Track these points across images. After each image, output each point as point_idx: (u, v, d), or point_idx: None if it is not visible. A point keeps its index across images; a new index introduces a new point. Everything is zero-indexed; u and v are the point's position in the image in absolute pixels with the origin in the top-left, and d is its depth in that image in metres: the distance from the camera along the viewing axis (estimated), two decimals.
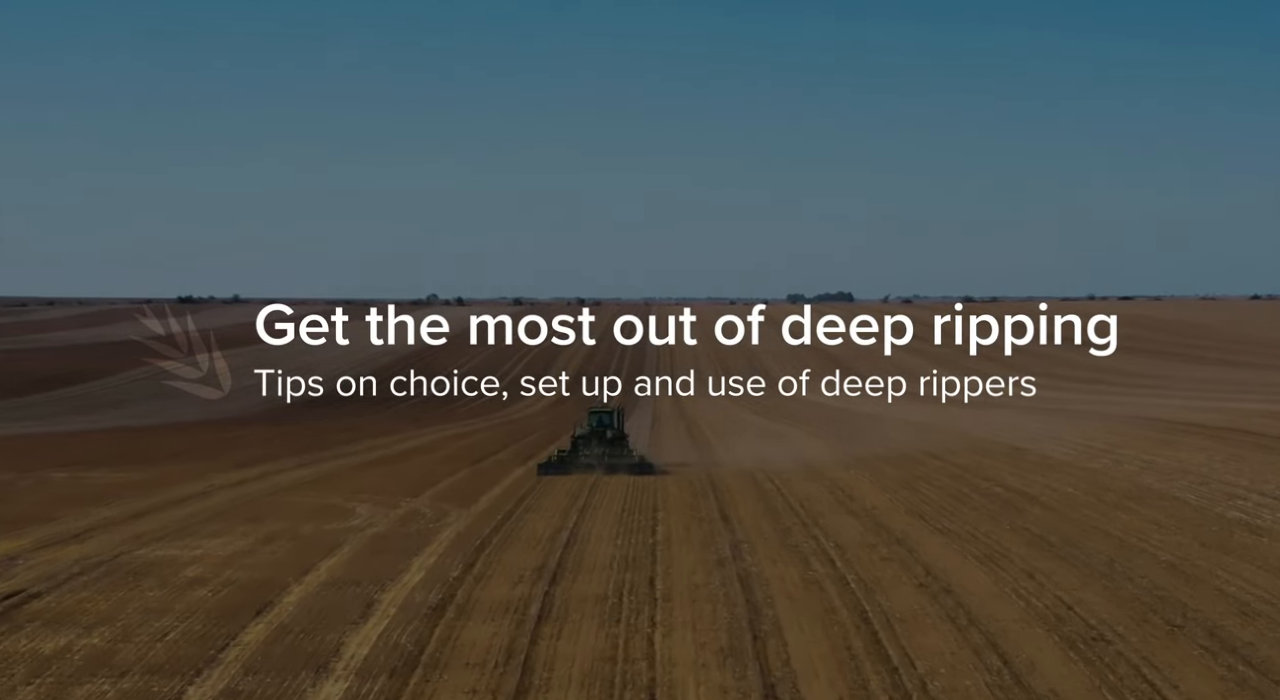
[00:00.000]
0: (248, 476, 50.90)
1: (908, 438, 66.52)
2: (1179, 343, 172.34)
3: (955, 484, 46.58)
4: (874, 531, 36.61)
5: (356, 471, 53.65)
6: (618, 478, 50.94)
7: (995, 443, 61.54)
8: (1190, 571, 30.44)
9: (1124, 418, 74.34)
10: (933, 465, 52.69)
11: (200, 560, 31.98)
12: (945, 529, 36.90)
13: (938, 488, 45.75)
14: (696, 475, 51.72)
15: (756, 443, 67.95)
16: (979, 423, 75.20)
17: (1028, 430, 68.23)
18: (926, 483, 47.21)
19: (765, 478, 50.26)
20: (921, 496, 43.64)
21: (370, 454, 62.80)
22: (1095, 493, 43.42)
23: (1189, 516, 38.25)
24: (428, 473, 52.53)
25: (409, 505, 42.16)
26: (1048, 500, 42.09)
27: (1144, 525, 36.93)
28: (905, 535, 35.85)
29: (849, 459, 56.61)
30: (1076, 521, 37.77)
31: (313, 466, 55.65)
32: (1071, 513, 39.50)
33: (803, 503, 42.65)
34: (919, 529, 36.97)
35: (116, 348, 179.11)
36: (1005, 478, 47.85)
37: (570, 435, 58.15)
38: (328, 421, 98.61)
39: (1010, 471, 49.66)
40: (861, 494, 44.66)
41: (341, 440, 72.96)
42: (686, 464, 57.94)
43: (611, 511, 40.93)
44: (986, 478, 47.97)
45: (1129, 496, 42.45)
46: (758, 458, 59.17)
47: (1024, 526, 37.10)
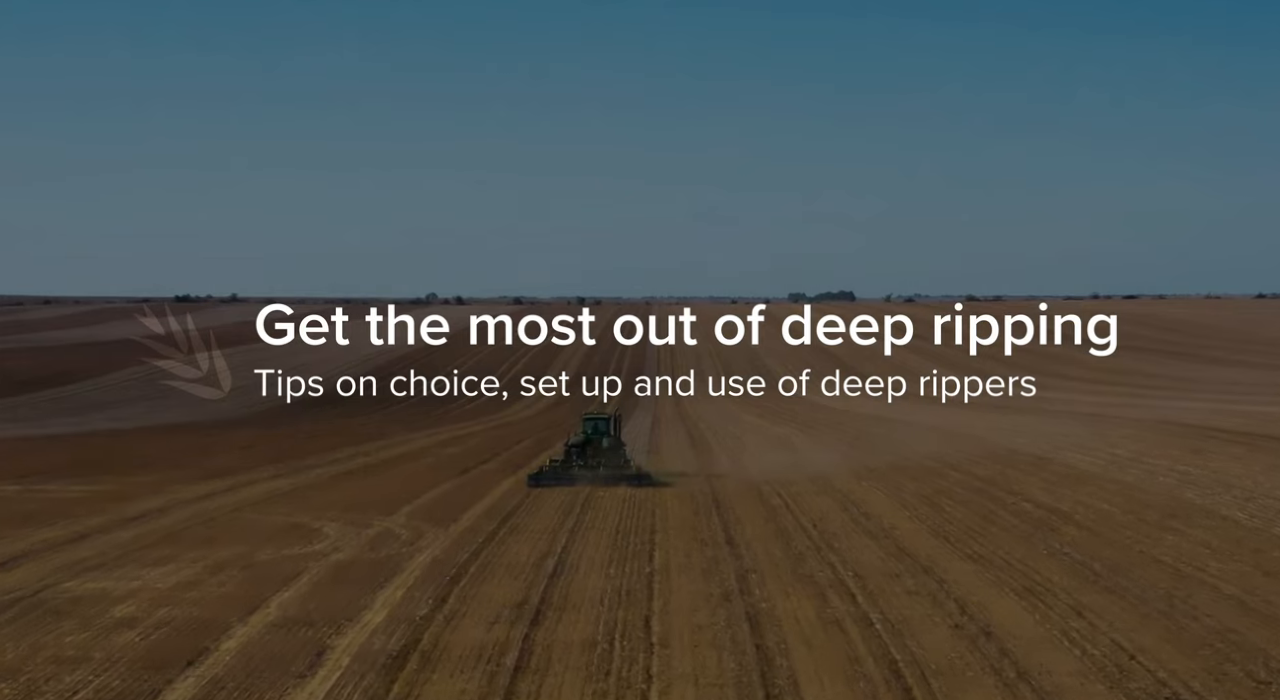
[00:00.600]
0: (215, 489, 46.88)
1: (920, 444, 62.52)
2: (1188, 343, 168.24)
3: (980, 499, 42.55)
4: (896, 557, 32.60)
5: (334, 483, 49.63)
6: (613, 489, 46.97)
7: (1015, 451, 57.53)
8: (1262, 609, 26.44)
9: (1145, 422, 70.36)
10: (953, 477, 48.65)
11: (135, 595, 27.95)
12: (975, 554, 32.88)
13: (961, 504, 41.71)
14: (698, 488, 47.71)
15: (761, 450, 63.97)
16: (994, 428, 71.15)
17: (1047, 436, 64.23)
18: (948, 498, 43.18)
19: (772, 491, 46.26)
20: (944, 515, 39.62)
21: (353, 462, 58.79)
22: (1134, 510, 39.42)
23: (1243, 539, 34.27)
24: (410, 484, 48.50)
25: (383, 524, 38.13)
26: (1083, 519, 38.07)
27: (1195, 549, 32.93)
28: (932, 562, 31.84)
29: (860, 469, 52.60)
30: (1119, 545, 33.78)
31: (288, 477, 51.64)
32: (1112, 534, 35.50)
33: (815, 521, 38.63)
34: (946, 554, 32.95)
35: (108, 347, 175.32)
36: (1033, 492, 43.83)
37: (564, 443, 54.28)
38: (318, 424, 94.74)
39: (1037, 485, 45.64)
40: (878, 511, 40.63)
41: (326, 446, 68.94)
42: (687, 474, 53.94)
43: (604, 533, 36.92)
44: (1013, 492, 43.94)
45: (1172, 514, 38.45)
46: (763, 467, 55.18)
47: (1062, 551, 33.10)
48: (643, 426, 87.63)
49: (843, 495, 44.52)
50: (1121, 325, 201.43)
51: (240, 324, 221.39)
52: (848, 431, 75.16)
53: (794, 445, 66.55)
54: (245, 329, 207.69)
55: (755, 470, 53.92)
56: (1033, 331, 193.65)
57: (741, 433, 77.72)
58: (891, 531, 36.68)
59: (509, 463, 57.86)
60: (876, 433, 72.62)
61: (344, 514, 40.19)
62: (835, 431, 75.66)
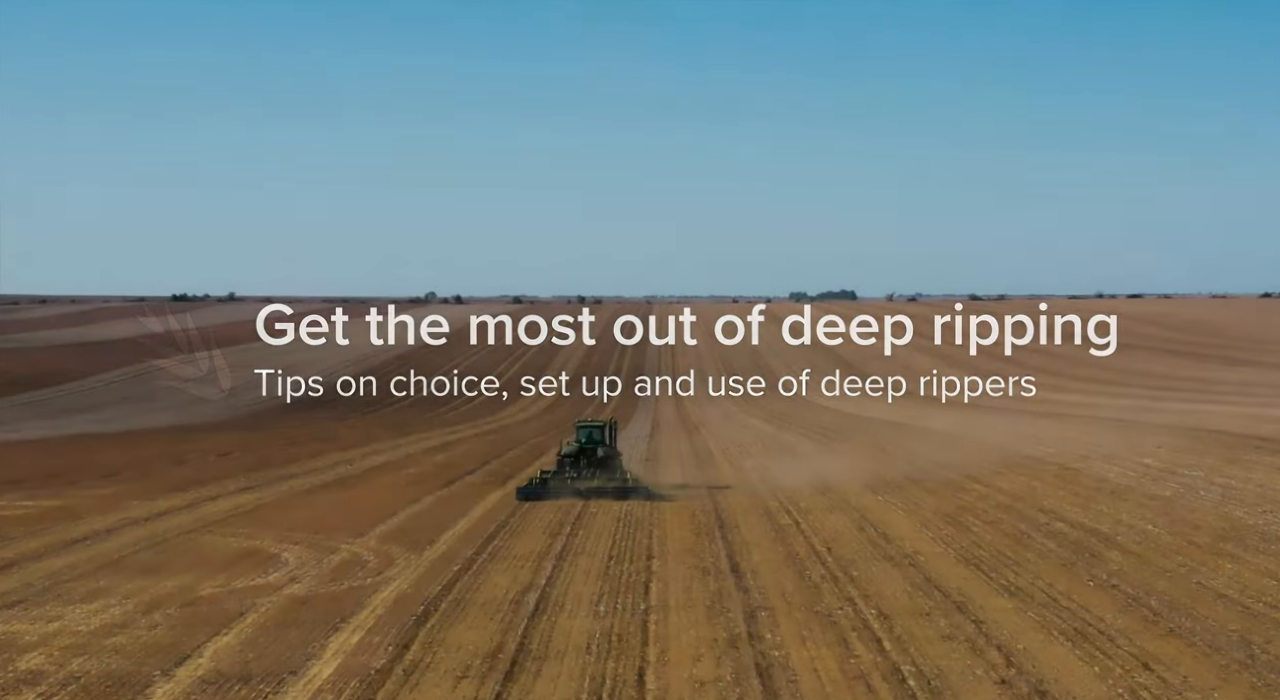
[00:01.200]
0: (175, 505, 42.91)
1: (934, 451, 58.64)
2: (1198, 342, 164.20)
3: (1008, 518, 38.58)
4: (924, 590, 28.66)
5: (307, 497, 45.68)
6: (608, 505, 43.09)
7: (1038, 460, 53.59)
8: None
9: (1172, 428, 66.50)
10: (975, 491, 44.68)
11: (49, 641, 24.02)
12: (1012, 586, 28.94)
13: (989, 524, 37.75)
14: (699, 503, 43.77)
15: (765, 457, 60.08)
16: (1011, 433, 67.23)
17: (1069, 443, 60.35)
18: (973, 516, 39.23)
19: (780, 507, 42.33)
20: (971, 536, 35.67)
21: (331, 472, 54.86)
22: (1181, 531, 35.48)
23: None
24: (388, 499, 44.56)
25: (350, 549, 34.22)
26: (1126, 542, 34.12)
27: (1261, 581, 28.99)
28: (965, 596, 27.90)
29: (873, 480, 48.66)
30: (1173, 575, 29.84)
31: (258, 490, 47.69)
32: (1161, 561, 31.56)
33: (829, 544, 34.71)
34: (980, 586, 29.01)
35: (99, 347, 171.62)
36: (1065, 509, 39.87)
37: (556, 452, 50.46)
38: (306, 427, 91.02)
39: (1069, 500, 41.67)
40: (898, 532, 36.68)
41: (309, 452, 65.06)
42: (687, 485, 50.06)
43: (596, 558, 32.98)
44: (1043, 509, 39.98)
45: (1224, 537, 34.51)
46: (768, 477, 51.30)
47: (1109, 582, 29.16)
48: (641, 431, 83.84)
49: (857, 512, 40.58)
50: (1129, 324, 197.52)
51: (236, 323, 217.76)
52: (855, 437, 71.28)
53: (800, 452, 62.65)
54: (241, 328, 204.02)
55: (760, 481, 50.04)
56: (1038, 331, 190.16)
57: (744, 438, 73.86)
58: (915, 557, 32.74)
59: (498, 473, 53.94)
60: (886, 438, 68.75)
61: (310, 535, 36.26)
62: (842, 436, 71.78)
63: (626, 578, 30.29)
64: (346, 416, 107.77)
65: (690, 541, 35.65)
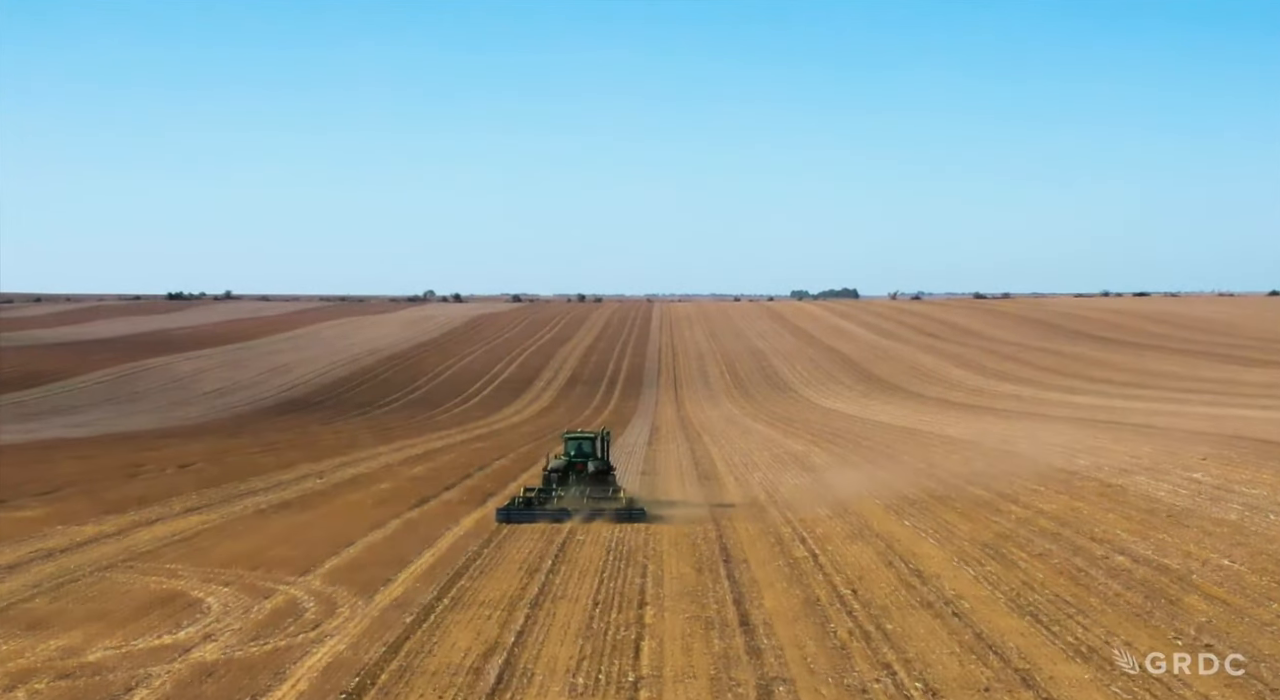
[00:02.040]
0: (104, 531, 37.38)
1: (957, 463, 53.15)
2: (1212, 341, 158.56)
3: (1058, 549, 33.01)
4: (975, 652, 23.13)
5: (257, 520, 40.11)
6: (598, 530, 37.62)
7: (1074, 474, 47.96)
8: None
9: (1212, 437, 60.83)
10: (1013, 514, 39.10)
11: None
12: (1084, 647, 23.41)
13: (1037, 557, 32.20)
14: (701, 528, 38.23)
15: (773, 470, 54.60)
16: (1036, 441, 61.61)
17: (1103, 454, 54.69)
18: (1017, 546, 33.67)
19: (793, 533, 36.83)
20: (1020, 574, 30.12)
21: (296, 487, 49.37)
22: (1266, 568, 29.89)
23: None
24: (350, 522, 39.03)
25: (290, 591, 28.71)
26: (1206, 583, 28.57)
27: None
28: (1028, 661, 22.38)
29: (895, 499, 43.15)
30: (1277, 629, 24.35)
31: (207, 510, 42.17)
32: (1255, 609, 26.00)
33: (853, 585, 29.21)
34: (1043, 647, 23.46)
35: (88, 346, 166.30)
36: (1121, 538, 34.30)
37: (543, 467, 45.01)
38: (286, 432, 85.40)
39: (1122, 526, 36.07)
40: (933, 567, 31.15)
41: (279, 463, 59.55)
42: (688, 504, 44.59)
43: (578, 605, 27.45)
44: (1096, 538, 34.41)
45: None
46: (778, 495, 45.84)
47: (1201, 641, 23.59)
48: (640, 437, 78.33)
49: (882, 541, 35.04)
50: (1139, 323, 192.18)
51: (230, 321, 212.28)
52: (868, 444, 65.70)
53: (810, 463, 57.14)
54: (233, 326, 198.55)
55: (769, 499, 44.55)
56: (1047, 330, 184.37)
57: (749, 446, 68.33)
58: (957, 602, 27.23)
59: (479, 489, 48.41)
60: (901, 447, 63.20)
61: (246, 573, 30.76)
62: (854, 445, 66.19)
63: (613, 633, 24.76)
64: (334, 419, 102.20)
65: (690, 580, 30.13)
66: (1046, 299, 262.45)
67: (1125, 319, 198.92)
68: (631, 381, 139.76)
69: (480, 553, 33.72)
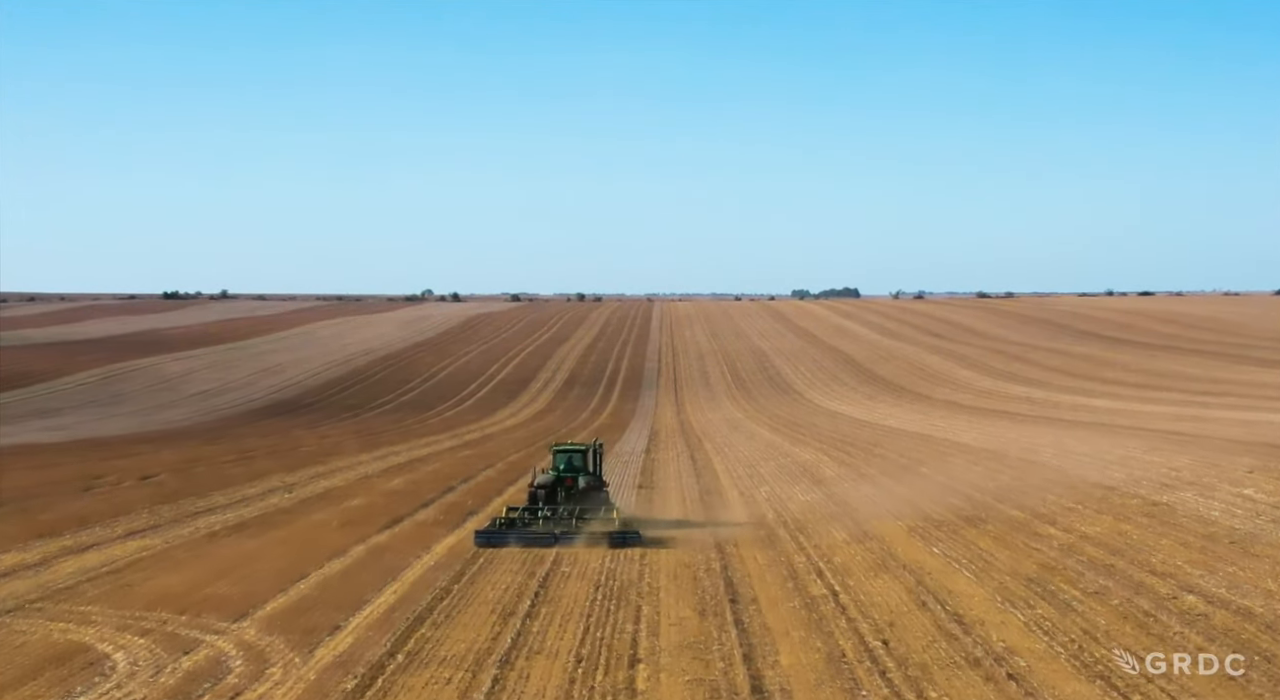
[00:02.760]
0: (25, 560, 32.58)
1: (981, 476, 48.48)
2: (1223, 342, 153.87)
3: (1116, 586, 28.23)
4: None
5: (205, 546, 35.40)
6: (586, 559, 32.98)
7: (1112, 489, 43.20)
8: None
9: (1246, 445, 56.15)
10: (1053, 539, 34.35)
11: None
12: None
13: (1092, 594, 27.44)
14: (704, 557, 33.53)
15: (781, 483, 49.94)
16: (1061, 450, 56.95)
17: (1137, 465, 49.96)
18: (1066, 582, 28.92)
19: (807, 563, 32.15)
20: (1079, 620, 25.38)
21: (260, 503, 44.72)
22: None
23: None
24: (304, 551, 34.31)
25: (216, 643, 24.04)
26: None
27: None
28: None
29: (920, 519, 38.48)
30: None
31: (153, 533, 37.50)
32: None
33: (884, 633, 24.51)
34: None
35: (78, 346, 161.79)
36: (1187, 572, 29.53)
37: (529, 483, 40.41)
38: (265, 437, 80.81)
39: (1184, 556, 31.28)
40: (974, 610, 26.43)
41: (249, 473, 54.94)
42: (689, 524, 39.97)
43: (557, 662, 22.75)
44: (1155, 571, 29.67)
45: None
46: (788, 513, 41.18)
47: None
48: (637, 444, 73.67)
49: (911, 574, 30.33)
50: (1146, 323, 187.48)
51: (223, 321, 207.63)
52: (880, 453, 61.00)
53: (820, 475, 52.46)
54: (226, 326, 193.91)
55: (778, 520, 39.86)
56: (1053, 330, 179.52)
57: (754, 454, 63.65)
58: (1010, 660, 22.54)
59: (459, 506, 43.70)
60: (917, 455, 58.53)
61: (174, 616, 26.07)
62: (865, 453, 61.49)
63: None
64: (322, 423, 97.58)
65: (692, 627, 25.44)
66: (1050, 298, 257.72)
67: (1132, 318, 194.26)
68: (631, 382, 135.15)
69: (449, 589, 29.03)
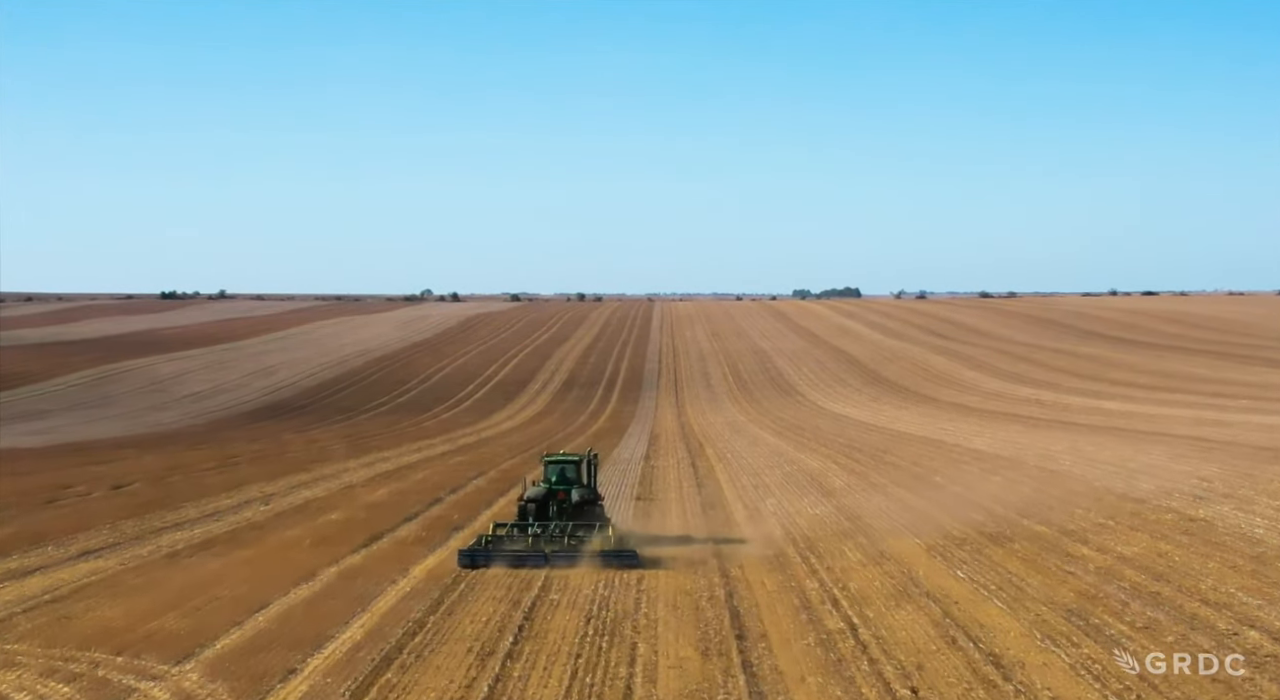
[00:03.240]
0: None
1: (1000, 487, 45.35)
2: (1231, 342, 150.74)
3: (1167, 620, 25.02)
4: None
5: (160, 570, 32.23)
6: (578, 585, 29.91)
7: (1143, 503, 40.05)
8: None
9: (1273, 451, 53.21)
10: (1087, 560, 31.18)
11: None
12: None
13: (1142, 630, 24.20)
14: (707, 582, 30.43)
15: (789, 495, 46.82)
16: (1081, 457, 53.84)
17: (1163, 473, 46.81)
18: (1111, 614, 25.73)
19: (821, 590, 29.04)
20: (1135, 662, 22.33)
21: (233, 517, 41.65)
22: None
23: None
24: (270, 574, 31.21)
25: (152, 692, 20.94)
26: None
27: None
28: None
29: (940, 536, 35.40)
30: None
31: (107, 554, 34.40)
32: None
33: (912, 678, 21.36)
34: None
35: (71, 347, 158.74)
36: (1239, 598, 26.29)
37: (519, 497, 37.32)
38: (251, 443, 77.78)
39: (1234, 579, 28.01)
40: (1011, 649, 23.25)
41: (226, 483, 51.89)
42: (690, 540, 36.92)
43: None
44: (1207, 599, 26.32)
45: None
46: (797, 530, 38.10)
47: None
48: (636, 449, 70.59)
49: (936, 603, 27.23)
50: (1151, 323, 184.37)
51: (220, 322, 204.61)
52: (891, 461, 57.90)
53: (829, 485, 49.37)
54: (221, 327, 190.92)
55: (787, 538, 36.76)
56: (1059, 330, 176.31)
57: (758, 461, 60.56)
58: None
59: (444, 521, 40.63)
60: (930, 463, 55.46)
61: (111, 656, 23.02)
62: (875, 460, 58.38)
63: None
64: (313, 426, 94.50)
65: (693, 670, 22.36)
66: (1054, 298, 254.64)
67: (1137, 318, 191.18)
68: (630, 384, 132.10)
69: (424, 622, 25.95)
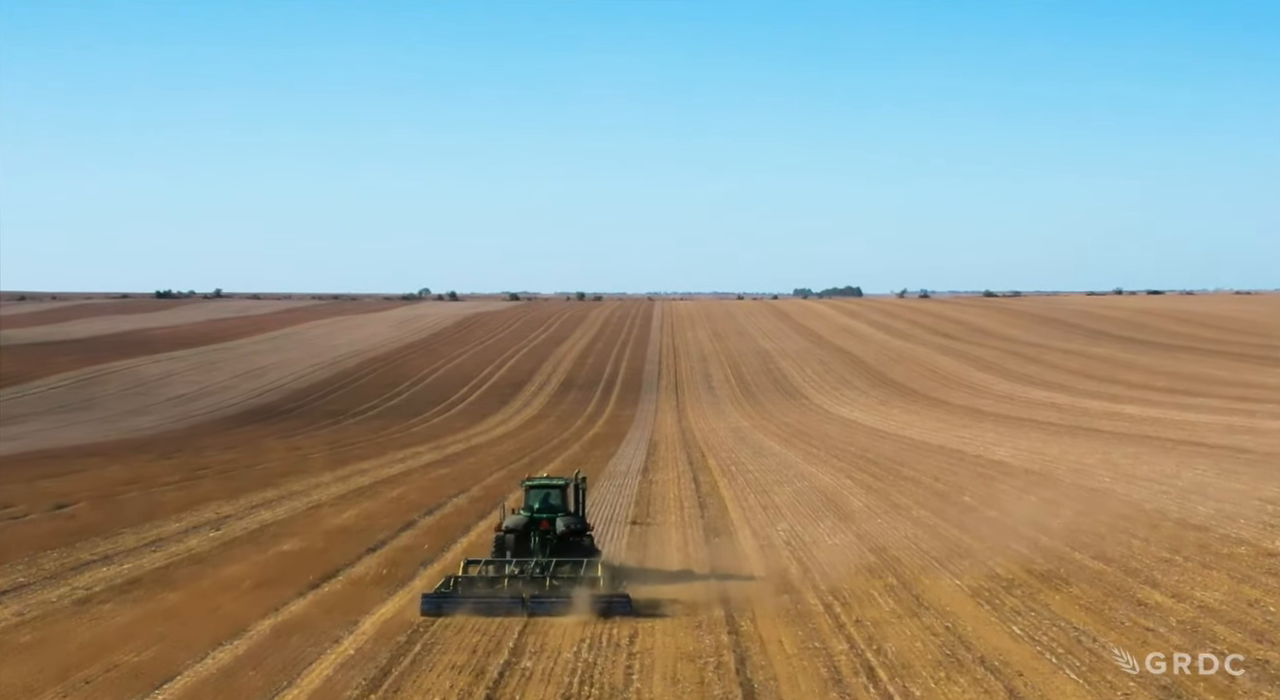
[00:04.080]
0: None
1: (1039, 510, 40.00)
2: (1242, 343, 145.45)
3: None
4: None
5: (54, 625, 26.74)
6: (561, 639, 24.67)
7: (1207, 532, 34.74)
8: None
9: None
10: (1165, 611, 25.92)
11: None
12: None
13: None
14: (712, 636, 25.10)
15: (802, 518, 41.51)
16: (1120, 473, 48.55)
17: (1215, 492, 41.51)
18: (1217, 692, 20.63)
19: (849, 649, 23.74)
20: None
21: (170, 548, 36.30)
22: None
23: None
24: (192, 629, 25.88)
25: None
26: None
27: None
28: None
29: (984, 576, 30.10)
30: None
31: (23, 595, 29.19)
32: None
33: None
34: None
35: (59, 347, 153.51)
36: None
37: (496, 528, 32.06)
38: (233, 449, 72.64)
39: None
40: None
41: (182, 501, 46.65)
42: (691, 577, 31.67)
43: None
44: None
45: None
46: (813, 562, 32.82)
47: None
48: (634, 460, 65.26)
49: (991, 672, 21.90)
50: (1159, 322, 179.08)
51: (213, 321, 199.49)
52: (910, 475, 52.57)
53: (847, 506, 44.05)
54: (213, 327, 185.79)
55: (803, 574, 31.45)
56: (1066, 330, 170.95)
57: (765, 476, 55.27)
58: None
59: (412, 552, 35.33)
60: (954, 479, 50.17)
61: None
62: (892, 475, 53.04)
63: None
64: (298, 431, 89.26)
65: None
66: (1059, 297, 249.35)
67: (1145, 318, 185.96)
68: (630, 386, 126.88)
69: (368, 695, 20.66)
